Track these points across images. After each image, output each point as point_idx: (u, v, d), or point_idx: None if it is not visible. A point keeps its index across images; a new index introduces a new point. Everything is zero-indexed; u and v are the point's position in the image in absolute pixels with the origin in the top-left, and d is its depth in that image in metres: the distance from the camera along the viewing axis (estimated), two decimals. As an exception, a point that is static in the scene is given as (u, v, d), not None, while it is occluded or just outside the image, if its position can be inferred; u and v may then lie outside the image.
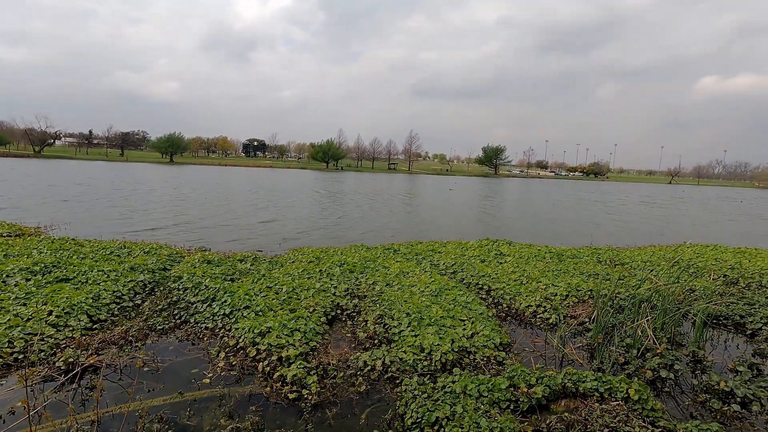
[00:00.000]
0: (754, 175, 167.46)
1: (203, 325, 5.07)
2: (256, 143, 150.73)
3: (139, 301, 5.78)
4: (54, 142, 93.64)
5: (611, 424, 3.33)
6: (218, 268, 6.92)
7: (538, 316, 5.86)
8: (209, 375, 4.04)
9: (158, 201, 21.12)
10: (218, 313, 5.24)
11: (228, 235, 12.56)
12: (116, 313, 5.30)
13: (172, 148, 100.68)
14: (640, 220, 23.22)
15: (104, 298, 5.44)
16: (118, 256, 7.69)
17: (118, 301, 5.57)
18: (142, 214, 16.29)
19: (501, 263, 8.34)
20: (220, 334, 4.86)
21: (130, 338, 4.68)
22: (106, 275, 6.22)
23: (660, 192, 64.54)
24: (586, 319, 5.65)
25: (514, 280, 7.07)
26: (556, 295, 6.40)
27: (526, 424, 3.36)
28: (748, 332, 5.59)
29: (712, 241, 14.16)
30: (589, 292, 6.52)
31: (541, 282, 6.90)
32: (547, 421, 3.40)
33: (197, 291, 5.87)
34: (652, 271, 8.18)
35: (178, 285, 6.13)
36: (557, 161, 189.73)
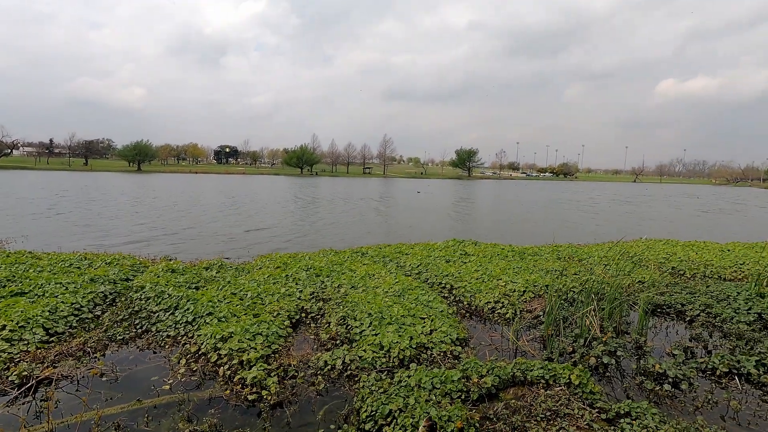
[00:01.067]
0: (711, 173, 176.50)
1: (165, 333, 5.08)
2: (228, 150, 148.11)
3: (99, 313, 5.71)
4: (11, 152, 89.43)
5: (553, 408, 3.57)
6: (182, 277, 6.89)
7: (496, 312, 6.12)
8: (169, 382, 4.07)
9: (122, 211, 20.58)
10: (181, 321, 5.25)
11: (202, 243, 12.41)
12: (74, 325, 5.23)
13: (140, 156, 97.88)
14: (611, 218, 24.19)
15: (62, 311, 5.35)
16: (78, 268, 7.52)
17: (76, 313, 5.49)
18: (113, 226, 15.86)
19: (465, 263, 8.61)
20: (182, 342, 4.88)
21: (88, 349, 4.64)
22: (64, 287, 6.10)
23: (627, 190, 67.15)
24: (541, 313, 5.94)
25: (476, 279, 7.33)
26: (514, 291, 6.69)
27: (474, 411, 3.56)
28: (687, 319, 6.01)
29: (669, 235, 14.97)
30: (545, 288, 6.84)
31: (501, 279, 7.19)
32: (495, 408, 3.61)
33: (160, 300, 5.85)
34: (606, 266, 8.63)
35: (140, 295, 6.08)
36: (528, 162, 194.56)
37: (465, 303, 6.55)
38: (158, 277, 6.81)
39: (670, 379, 4.18)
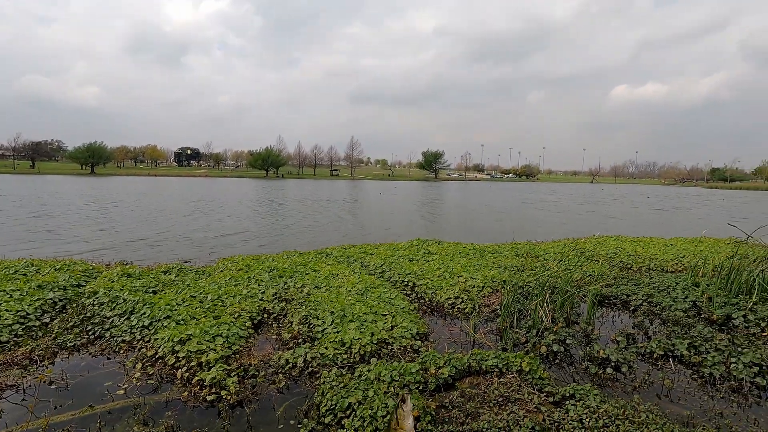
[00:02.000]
0: (660, 173, 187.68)
1: (120, 339, 4.93)
2: (189, 152, 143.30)
3: (47, 320, 5.46)
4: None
5: (505, 394, 3.77)
6: (139, 281, 6.68)
7: (456, 307, 6.33)
8: (124, 386, 3.98)
9: (76, 216, 19.57)
10: (137, 326, 5.11)
11: (163, 249, 12.01)
12: (20, 333, 4.98)
13: (93, 159, 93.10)
14: (572, 217, 25.25)
15: (5, 319, 5.08)
16: (25, 275, 7.14)
17: (22, 321, 5.22)
18: (66, 232, 15.04)
19: (428, 261, 8.81)
20: (138, 346, 4.76)
21: (36, 357, 4.44)
22: (8, 295, 5.79)
23: (586, 190, 70.22)
24: (498, 307, 6.20)
25: (438, 276, 7.53)
26: (474, 287, 6.93)
27: (431, 400, 3.70)
28: (632, 308, 6.44)
29: (626, 232, 15.84)
30: (502, 283, 7.12)
31: (462, 276, 7.42)
32: (451, 397, 3.76)
33: (114, 305, 5.66)
34: (561, 261, 9.07)
35: (93, 300, 5.86)
36: (492, 164, 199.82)
37: (427, 299, 6.72)
38: (113, 282, 6.57)
39: (613, 363, 4.49)
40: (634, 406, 3.60)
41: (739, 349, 4.67)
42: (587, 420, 3.38)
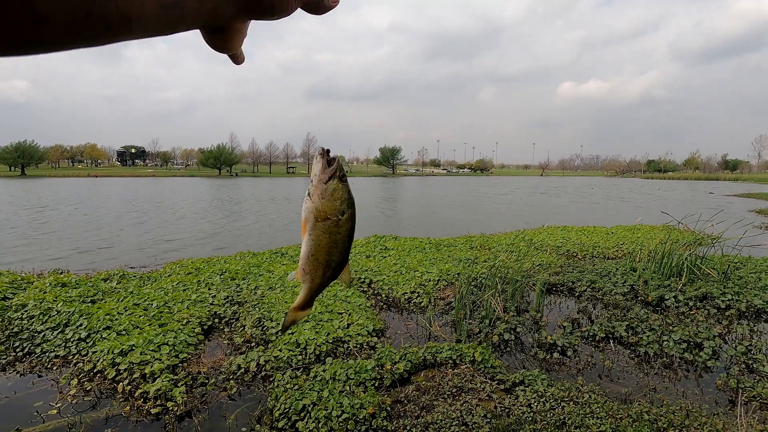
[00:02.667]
0: (603, 166, 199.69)
1: (52, 354, 4.56)
2: (134, 150, 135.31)
3: (-33, 338, 4.95)
4: None
5: (459, 384, 3.85)
6: (75, 291, 6.21)
7: (412, 302, 6.39)
8: (57, 405, 3.68)
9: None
10: (72, 339, 4.75)
11: (104, 256, 11.24)
12: (-66, 355, 4.48)
13: (23, 159, 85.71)
14: (525, 209, 26.24)
15: None
16: (-60, 289, 6.43)
17: (-64, 341, 4.70)
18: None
19: (385, 257, 8.84)
20: (74, 361, 4.43)
21: (-48, 381, 4.01)
22: None
23: (537, 183, 73.27)
24: (452, 299, 6.32)
25: (395, 272, 7.57)
26: (429, 281, 7.03)
27: (386, 396, 3.71)
28: (577, 294, 6.79)
29: (569, 222, 16.67)
30: (457, 275, 7.28)
31: (417, 271, 7.50)
32: (406, 392, 3.80)
33: (46, 318, 5.23)
34: (512, 252, 9.41)
35: (22, 314, 5.38)
36: (448, 159, 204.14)
37: (383, 295, 6.74)
38: (45, 293, 6.07)
39: (559, 348, 4.72)
40: (578, 387, 3.80)
41: (671, 327, 5.05)
42: (535, 404, 3.53)
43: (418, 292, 6.58)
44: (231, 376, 4.13)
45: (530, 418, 3.37)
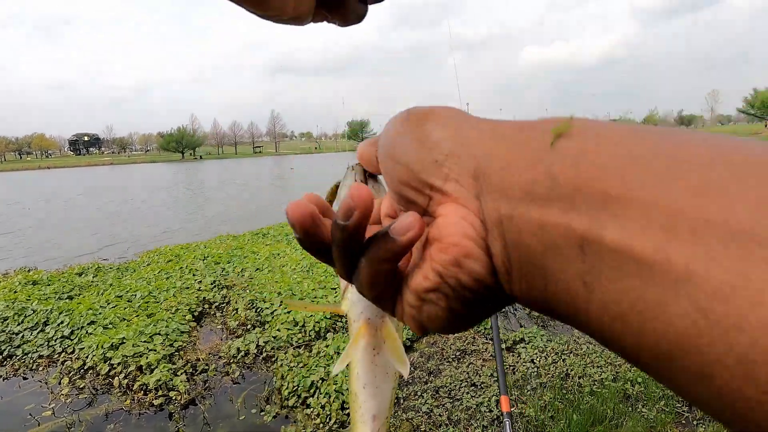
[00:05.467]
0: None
1: (36, 354, 4.33)
2: (87, 138, 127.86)
3: (-64, 347, 4.62)
4: None
5: (462, 347, 3.92)
6: (49, 288, 5.89)
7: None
8: (51, 406, 3.52)
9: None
10: (55, 337, 4.51)
11: (72, 255, 10.68)
12: None
13: (-35, 154, 79.71)
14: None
15: None
16: None
17: None
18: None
19: (369, 230, 8.80)
20: (61, 360, 4.22)
21: (-72, 392, 3.76)
22: None
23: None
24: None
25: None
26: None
27: (393, 365, 3.74)
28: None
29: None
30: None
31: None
32: (411, 359, 3.83)
33: (22, 318, 4.94)
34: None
35: (-6, 316, 5.06)
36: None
37: (373, 268, 6.73)
38: (15, 292, 5.72)
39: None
40: (576, 340, 3.94)
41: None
42: (538, 359, 3.64)
43: (408, 262, 6.61)
44: (231, 360, 4.05)
45: (535, 373, 3.48)
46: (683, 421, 2.89)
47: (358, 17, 0.36)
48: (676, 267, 0.16)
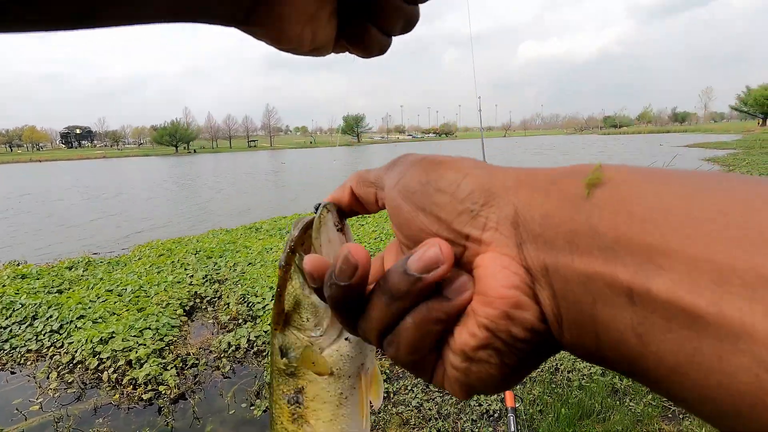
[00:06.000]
0: (563, 124, 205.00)
1: (24, 349, 4.28)
2: (79, 131, 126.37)
3: None
4: None
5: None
6: (38, 282, 5.83)
7: (395, 267, 6.43)
8: (39, 401, 3.49)
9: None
10: (43, 332, 4.47)
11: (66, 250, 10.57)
12: None
13: (-46, 147, 78.53)
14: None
15: None
16: None
17: None
18: None
19: (362, 225, 8.78)
20: (49, 354, 4.19)
21: None
22: None
23: (502, 144, 74.43)
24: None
25: (375, 238, 7.55)
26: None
27: (384, 359, 3.74)
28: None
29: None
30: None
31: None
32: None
33: (10, 312, 4.88)
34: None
35: (-19, 310, 5.00)
36: (413, 125, 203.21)
37: (366, 263, 6.73)
38: (4, 286, 5.66)
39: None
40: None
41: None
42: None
43: (401, 257, 6.61)
44: (222, 355, 4.03)
45: (524, 367, 3.49)
46: (669, 415, 2.92)
47: (381, 49, 0.35)
48: (732, 321, 0.15)
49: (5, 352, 4.32)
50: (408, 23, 0.33)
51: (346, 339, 0.35)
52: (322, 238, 0.33)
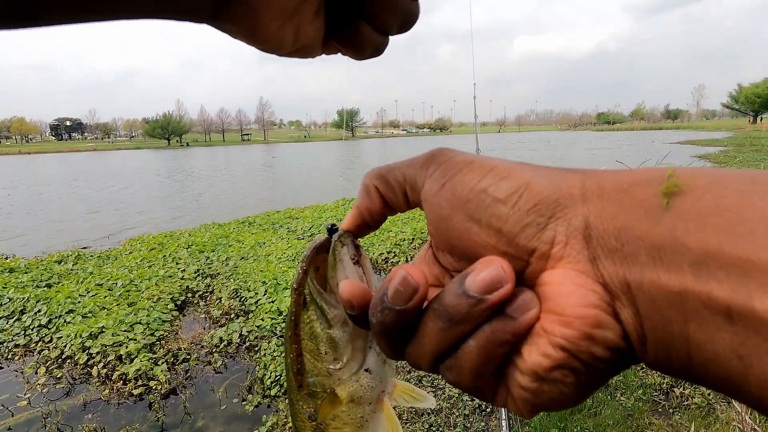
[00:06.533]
0: (557, 120, 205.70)
1: (11, 344, 4.23)
2: (69, 123, 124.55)
3: None
4: None
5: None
6: (27, 275, 5.74)
7: (389, 261, 6.41)
8: (26, 396, 3.44)
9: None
10: (31, 326, 4.41)
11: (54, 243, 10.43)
12: None
13: (-60, 138, 77.12)
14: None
15: None
16: None
17: None
18: None
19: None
20: (38, 348, 4.13)
21: None
22: None
23: (496, 140, 74.58)
24: (429, 256, 6.40)
25: (374, 240, 7.53)
26: (404, 240, 7.05)
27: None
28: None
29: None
30: (431, 233, 7.34)
31: (391, 231, 7.49)
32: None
33: (-2, 306, 4.81)
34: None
35: (-32, 304, 4.92)
36: (407, 120, 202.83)
37: (360, 257, 6.71)
38: (-9, 280, 5.57)
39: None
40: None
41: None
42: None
43: (395, 252, 6.60)
44: (214, 350, 4.00)
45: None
46: (660, 410, 2.94)
47: (376, 50, 0.32)
48: None
49: (-8, 347, 4.25)
50: (406, 21, 0.31)
51: (366, 370, 0.34)
52: (339, 276, 0.31)
